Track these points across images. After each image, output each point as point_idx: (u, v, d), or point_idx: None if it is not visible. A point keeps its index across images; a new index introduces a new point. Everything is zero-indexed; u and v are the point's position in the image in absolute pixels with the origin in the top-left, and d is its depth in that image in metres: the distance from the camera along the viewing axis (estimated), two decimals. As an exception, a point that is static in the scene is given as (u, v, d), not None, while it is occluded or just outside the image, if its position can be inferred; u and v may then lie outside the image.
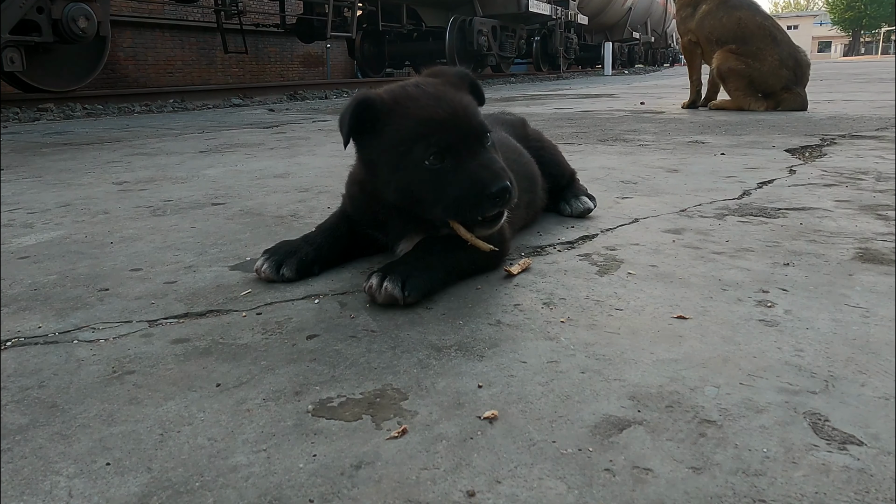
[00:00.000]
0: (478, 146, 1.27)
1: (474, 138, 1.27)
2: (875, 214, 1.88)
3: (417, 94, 1.30)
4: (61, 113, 6.53)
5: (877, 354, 1.01)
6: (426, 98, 1.29)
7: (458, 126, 1.26)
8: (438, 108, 1.26)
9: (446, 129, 1.25)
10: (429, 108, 1.27)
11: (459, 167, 1.24)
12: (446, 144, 1.24)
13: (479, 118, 1.30)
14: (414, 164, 1.26)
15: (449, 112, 1.26)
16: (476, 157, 1.25)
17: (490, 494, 0.71)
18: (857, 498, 0.69)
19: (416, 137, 1.25)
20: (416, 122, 1.26)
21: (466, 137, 1.26)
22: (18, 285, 1.44)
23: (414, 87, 1.33)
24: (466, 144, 1.25)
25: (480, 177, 1.22)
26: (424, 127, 1.25)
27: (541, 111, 6.13)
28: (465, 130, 1.26)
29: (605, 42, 21.14)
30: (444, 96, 1.29)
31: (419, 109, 1.27)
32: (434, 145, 1.24)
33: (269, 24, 13.31)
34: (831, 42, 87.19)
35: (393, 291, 1.23)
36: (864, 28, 75.18)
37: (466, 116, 1.27)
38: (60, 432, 0.85)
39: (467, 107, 1.30)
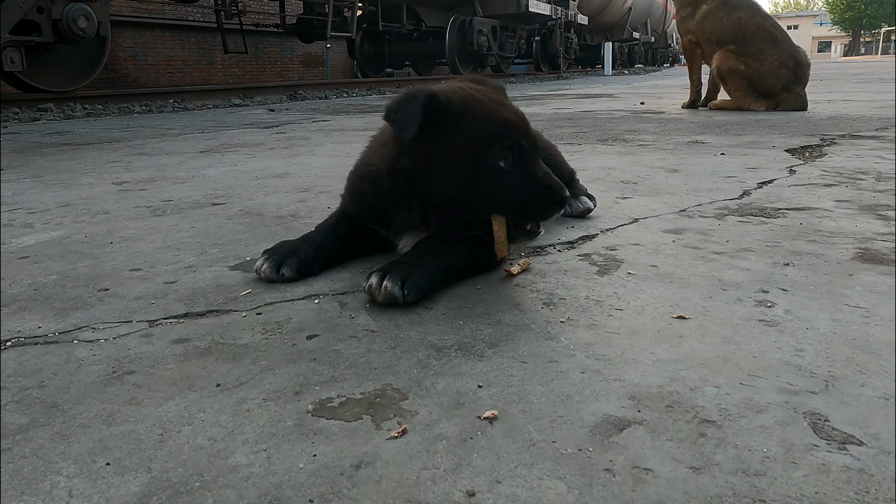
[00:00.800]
0: (537, 154, 1.37)
1: (535, 146, 1.36)
2: (875, 214, 1.88)
3: (484, 98, 1.37)
4: (61, 113, 6.53)
5: (877, 354, 1.01)
6: (494, 103, 1.36)
7: (527, 132, 1.36)
8: (511, 114, 1.36)
9: (520, 134, 1.33)
10: (502, 111, 1.35)
11: (528, 171, 1.33)
12: (521, 148, 1.32)
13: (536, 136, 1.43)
14: (486, 163, 1.31)
15: (520, 118, 1.37)
16: (538, 164, 1.35)
17: (490, 494, 0.71)
18: (857, 498, 0.69)
19: (493, 138, 1.31)
20: (493, 123, 1.32)
21: (529, 144, 1.34)
22: (18, 285, 1.44)
23: (474, 90, 1.39)
24: (531, 151, 1.34)
25: (549, 183, 1.32)
26: (503, 129, 1.32)
27: (541, 111, 6.13)
28: (528, 137, 1.35)
29: (605, 42, 21.15)
30: (506, 103, 1.39)
31: (493, 112, 1.34)
32: (510, 147, 1.31)
33: (269, 25, 13.30)
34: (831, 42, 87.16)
35: (393, 290, 1.23)
36: (864, 28, 75.18)
37: (527, 125, 1.37)
38: (60, 432, 0.85)
39: (523, 117, 1.39)
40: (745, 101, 5.35)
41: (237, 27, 10.74)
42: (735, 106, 5.43)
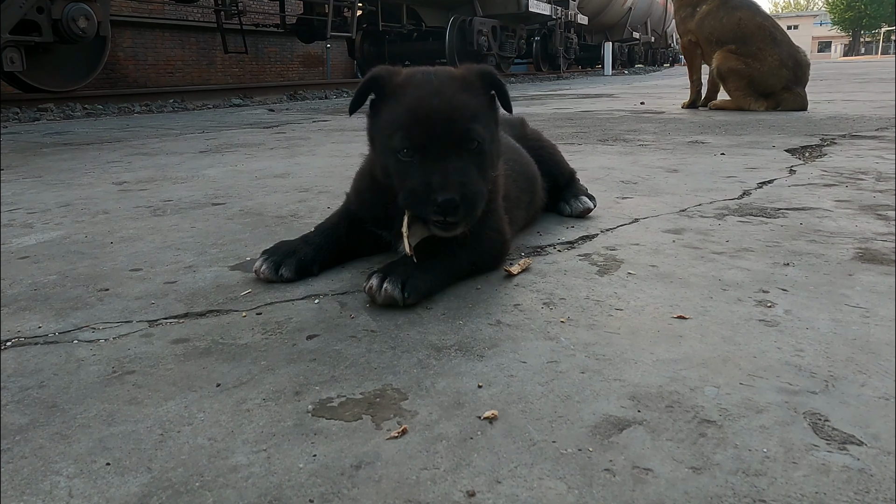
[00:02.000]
0: (451, 151, 1.24)
1: (450, 142, 1.24)
2: (875, 214, 1.88)
3: (420, 83, 1.30)
4: (61, 113, 6.53)
5: (877, 354, 1.01)
6: (423, 89, 1.28)
7: (437, 126, 1.24)
8: (427, 103, 1.26)
9: (424, 126, 1.24)
10: (419, 99, 1.27)
11: (422, 165, 1.24)
12: (419, 141, 1.25)
13: (467, 124, 1.25)
14: (392, 150, 1.28)
15: (433, 109, 1.25)
16: (443, 161, 1.23)
17: (490, 494, 0.71)
18: (857, 498, 0.69)
19: (398, 126, 1.27)
20: (402, 110, 1.28)
21: (441, 139, 1.24)
22: (18, 285, 1.44)
23: (423, 74, 1.33)
24: (439, 146, 1.24)
25: (432, 181, 1.22)
26: (407, 117, 1.26)
27: (541, 111, 6.13)
28: (442, 132, 1.24)
29: (605, 42, 21.14)
30: (441, 92, 1.27)
31: (411, 99, 1.28)
32: (407, 139, 1.25)
33: (269, 24, 13.30)
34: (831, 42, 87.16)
35: (393, 293, 1.23)
36: (864, 28, 75.18)
37: (450, 118, 1.25)
38: (60, 432, 0.85)
39: (458, 109, 1.26)
40: (745, 100, 5.36)
41: (237, 27, 10.74)
42: (735, 106, 5.43)
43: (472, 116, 1.27)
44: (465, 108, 1.28)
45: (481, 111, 1.31)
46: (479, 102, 1.32)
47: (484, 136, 1.28)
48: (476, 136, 1.26)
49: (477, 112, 1.29)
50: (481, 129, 1.28)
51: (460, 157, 1.25)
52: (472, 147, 1.26)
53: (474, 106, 1.30)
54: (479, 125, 1.28)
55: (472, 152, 1.27)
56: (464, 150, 1.26)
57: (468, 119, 1.26)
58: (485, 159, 1.30)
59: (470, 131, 1.26)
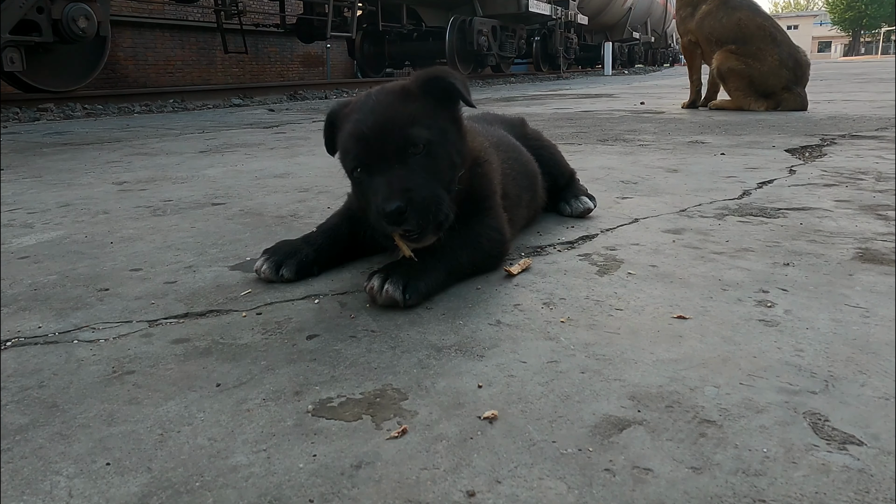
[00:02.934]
0: (393, 160, 1.24)
1: (391, 153, 1.24)
2: (875, 214, 1.88)
3: (359, 107, 1.32)
4: (61, 113, 6.54)
5: (877, 354, 1.01)
6: (361, 112, 1.30)
7: (375, 141, 1.25)
8: (363, 123, 1.27)
9: (363, 144, 1.26)
10: (357, 122, 1.29)
11: (371, 182, 1.26)
12: (362, 159, 1.28)
13: (404, 131, 1.25)
14: (349, 174, 1.35)
15: (369, 126, 1.26)
16: (387, 172, 1.24)
17: (490, 494, 0.71)
18: (857, 498, 0.69)
19: (346, 150, 1.32)
20: (346, 135, 1.31)
21: (381, 153, 1.25)
22: (18, 285, 1.44)
23: (365, 97, 1.35)
24: (381, 160, 1.25)
25: (377, 195, 1.23)
26: (350, 141, 1.29)
27: (541, 111, 6.13)
28: (380, 145, 1.25)
29: (605, 42, 21.14)
30: (377, 109, 1.28)
31: (352, 123, 1.30)
32: (354, 159, 1.29)
33: (269, 24, 13.30)
34: (831, 42, 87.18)
35: (394, 294, 1.23)
36: (864, 28, 75.20)
37: (385, 131, 1.25)
38: (60, 432, 0.85)
39: (392, 119, 1.26)
40: (745, 101, 5.36)
41: (237, 27, 10.75)
42: (735, 106, 5.43)
43: (408, 122, 1.26)
44: (399, 116, 1.27)
45: (422, 115, 1.29)
46: (420, 107, 1.30)
47: (429, 138, 1.27)
48: (417, 139, 1.25)
49: (416, 117, 1.28)
50: (423, 131, 1.26)
51: (405, 164, 1.25)
52: (417, 152, 1.26)
53: (412, 112, 1.28)
54: (421, 128, 1.26)
55: (418, 158, 1.26)
56: (408, 157, 1.25)
57: (404, 126, 1.26)
58: (437, 161, 1.28)
59: (408, 137, 1.25)
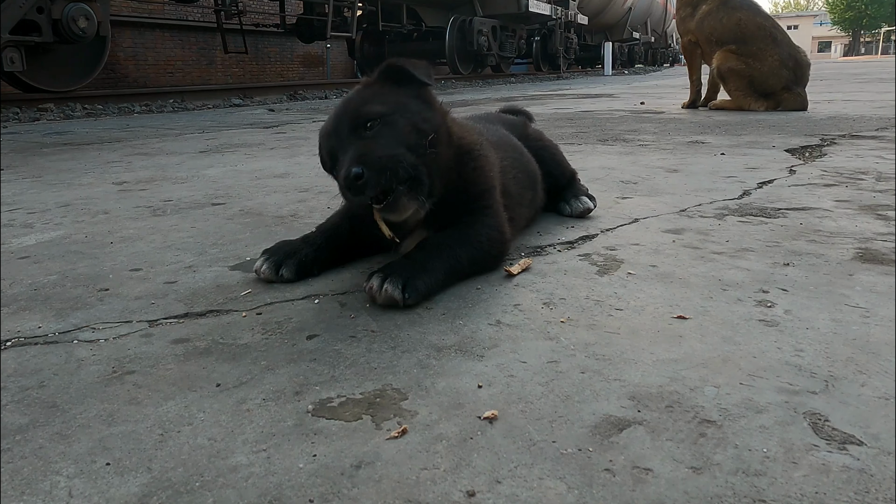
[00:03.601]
0: (353, 138, 1.29)
1: (347, 135, 1.30)
2: (875, 214, 1.88)
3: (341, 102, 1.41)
4: (61, 113, 6.54)
5: (877, 354, 1.01)
6: (342, 104, 1.39)
7: (335, 131, 1.33)
8: (327, 123, 1.37)
9: (327, 140, 1.35)
10: (324, 125, 1.39)
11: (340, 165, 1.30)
12: (329, 155, 1.35)
13: (356, 112, 1.31)
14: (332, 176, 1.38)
15: (331, 122, 1.36)
16: (349, 150, 1.27)
17: (490, 494, 0.71)
18: (857, 498, 0.69)
19: (320, 156, 1.40)
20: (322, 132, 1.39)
21: (342, 134, 1.31)
22: (18, 285, 1.44)
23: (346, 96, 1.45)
24: (344, 141, 1.30)
25: (340, 169, 1.27)
26: (319, 143, 1.39)
27: (541, 111, 6.13)
28: (341, 129, 1.32)
29: (605, 42, 21.13)
30: (338, 106, 1.38)
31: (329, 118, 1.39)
32: (324, 158, 1.37)
33: (269, 24, 13.30)
34: (831, 42, 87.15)
35: (393, 294, 1.23)
36: (864, 28, 75.19)
37: (341, 117, 1.34)
38: (60, 432, 0.85)
39: (346, 106, 1.35)
40: (745, 101, 5.35)
41: (237, 27, 10.74)
42: (735, 106, 5.43)
43: (361, 103, 1.34)
44: (353, 102, 1.36)
45: (378, 95, 1.36)
46: (375, 90, 1.39)
47: (382, 111, 1.32)
48: (369, 114, 1.31)
49: (368, 98, 1.36)
50: (376, 106, 1.32)
51: (361, 138, 1.30)
52: (373, 125, 1.30)
53: (366, 95, 1.37)
54: (373, 104, 1.33)
55: (374, 129, 1.30)
56: (364, 132, 1.30)
57: (357, 107, 1.33)
58: (395, 127, 1.31)
59: (359, 114, 1.31)
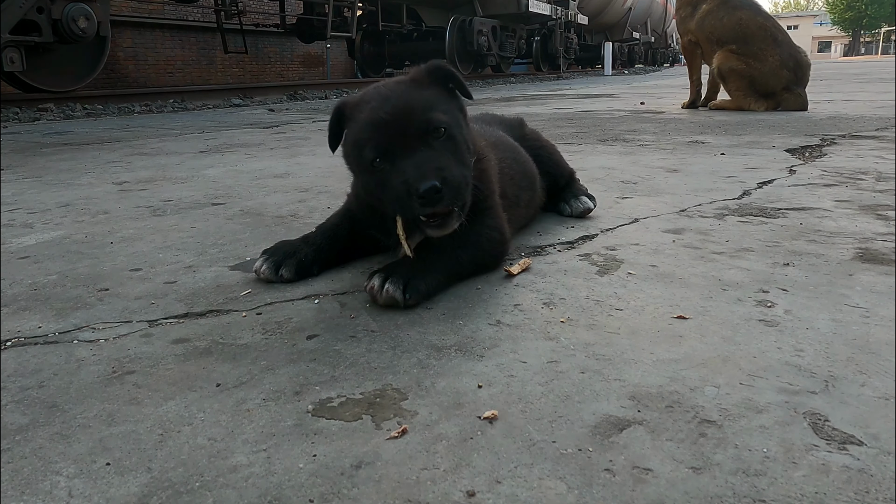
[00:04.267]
0: (417, 144, 1.25)
1: (414, 137, 1.26)
2: (875, 214, 1.88)
3: (372, 97, 1.33)
4: (61, 113, 6.53)
5: (877, 354, 1.01)
6: (376, 100, 1.31)
7: (397, 126, 1.26)
8: (381, 111, 1.28)
9: (384, 131, 1.26)
10: (374, 110, 1.29)
11: (396, 167, 1.25)
12: (385, 146, 1.26)
13: (424, 115, 1.27)
14: (366, 165, 1.30)
15: (389, 113, 1.27)
16: (413, 155, 1.24)
17: (490, 494, 0.71)
18: (857, 498, 0.69)
19: (363, 141, 1.29)
20: (362, 125, 1.30)
21: (404, 137, 1.25)
22: (18, 285, 1.44)
23: (374, 89, 1.36)
24: (404, 144, 1.25)
25: (408, 177, 1.22)
26: (368, 130, 1.28)
27: (541, 111, 6.13)
28: (402, 130, 1.25)
29: (605, 42, 21.14)
30: (392, 96, 1.30)
31: (367, 113, 1.30)
32: (374, 148, 1.27)
33: (269, 24, 13.30)
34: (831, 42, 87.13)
35: (394, 294, 1.23)
36: (864, 28, 75.17)
37: (406, 115, 1.27)
38: (60, 432, 0.85)
39: (411, 104, 1.28)
40: (745, 101, 5.35)
41: (237, 27, 10.74)
42: (735, 106, 5.43)
43: (427, 107, 1.29)
44: (417, 101, 1.30)
45: (438, 101, 1.33)
46: (434, 93, 1.34)
47: (448, 122, 1.29)
48: (438, 122, 1.28)
49: (432, 102, 1.31)
50: (442, 115, 1.29)
51: (430, 147, 1.26)
52: (438, 136, 1.28)
53: (428, 97, 1.32)
54: (439, 112, 1.29)
55: (441, 141, 1.28)
56: (432, 140, 1.27)
57: (425, 110, 1.28)
58: (457, 144, 1.31)
59: (430, 121, 1.27)
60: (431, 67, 1.39)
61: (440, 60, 1.42)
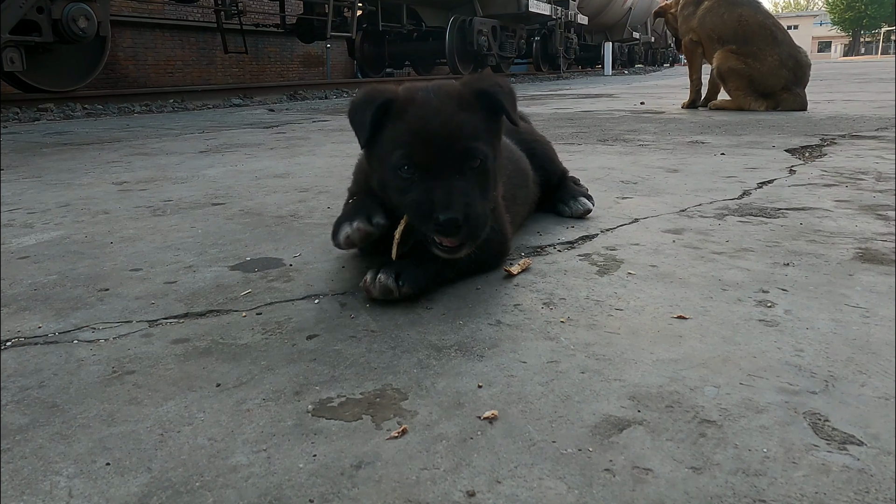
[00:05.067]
0: (454, 169, 1.24)
1: (452, 161, 1.25)
2: (875, 214, 1.88)
3: (421, 102, 1.30)
4: (61, 113, 6.54)
5: (877, 354, 1.01)
6: (424, 109, 1.29)
7: (439, 145, 1.25)
8: (427, 123, 1.26)
9: (424, 145, 1.25)
10: (420, 120, 1.27)
11: (423, 183, 1.24)
12: (420, 160, 1.25)
13: (468, 143, 1.25)
14: (392, 167, 1.28)
15: (434, 128, 1.26)
16: (444, 179, 1.23)
17: (490, 494, 0.71)
18: (857, 498, 0.69)
19: (399, 144, 1.27)
20: (404, 129, 1.28)
21: (443, 157, 1.24)
22: (18, 285, 1.44)
23: (423, 93, 1.33)
24: (441, 165, 1.24)
25: (434, 199, 1.21)
26: (409, 136, 1.27)
27: (541, 111, 6.13)
28: (443, 150, 1.24)
29: (605, 42, 21.14)
30: (441, 112, 1.28)
31: (412, 119, 1.28)
32: (408, 157, 1.26)
33: (269, 24, 13.30)
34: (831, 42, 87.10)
35: (387, 283, 1.24)
36: (864, 28, 75.15)
37: (451, 137, 1.25)
38: (60, 432, 0.85)
39: (459, 127, 1.27)
40: (745, 100, 5.36)
41: (237, 27, 10.75)
42: (735, 106, 5.43)
43: (473, 135, 1.27)
44: (465, 126, 1.27)
45: (482, 129, 1.30)
46: (480, 119, 1.31)
47: (486, 154, 1.28)
48: (478, 154, 1.26)
49: (478, 130, 1.29)
50: (483, 146, 1.28)
51: (463, 175, 1.25)
52: (474, 165, 1.27)
53: (475, 124, 1.29)
54: (481, 143, 1.28)
55: (474, 171, 1.27)
56: (466, 169, 1.26)
57: (469, 138, 1.26)
58: (488, 178, 1.30)
59: (472, 150, 1.26)
60: (483, 90, 1.34)
61: (491, 79, 1.38)
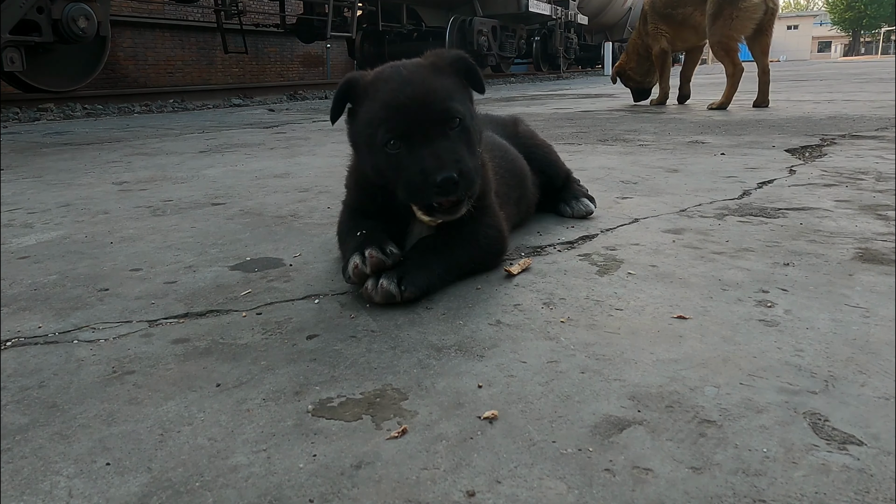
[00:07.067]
0: (436, 132, 1.25)
1: (433, 124, 1.26)
2: (875, 214, 1.88)
3: (390, 77, 1.32)
4: (61, 113, 6.54)
5: (877, 354, 1.01)
6: (395, 81, 1.29)
7: (417, 111, 1.25)
8: (401, 93, 1.26)
9: (403, 115, 1.25)
10: (393, 91, 1.28)
11: (412, 153, 1.25)
12: (402, 130, 1.25)
13: (444, 104, 1.27)
14: (378, 147, 1.29)
15: (409, 97, 1.26)
16: (431, 143, 1.24)
17: (490, 494, 0.71)
18: (857, 498, 0.69)
19: (378, 121, 1.28)
20: (379, 105, 1.29)
21: (424, 123, 1.25)
22: (18, 285, 1.44)
23: (392, 69, 1.34)
24: (423, 130, 1.25)
25: (426, 165, 1.22)
26: (385, 111, 1.27)
27: (541, 111, 6.13)
28: (423, 116, 1.25)
29: (605, 42, 21.15)
30: (413, 80, 1.29)
31: (385, 93, 1.29)
32: (390, 130, 1.25)
33: (269, 24, 13.30)
34: (831, 42, 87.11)
35: (389, 287, 1.23)
36: (864, 28, 75.13)
37: (428, 101, 1.26)
38: (60, 432, 0.85)
39: (433, 91, 1.28)
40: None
41: (237, 27, 10.75)
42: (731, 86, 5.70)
43: (447, 96, 1.29)
44: (439, 89, 1.29)
45: (456, 91, 1.33)
46: (452, 83, 1.34)
47: (464, 113, 1.30)
48: (456, 112, 1.28)
49: (451, 91, 1.31)
50: (459, 106, 1.30)
51: (447, 136, 1.27)
52: (454, 125, 1.28)
53: (448, 86, 1.32)
54: (457, 103, 1.30)
55: (456, 130, 1.29)
56: (448, 129, 1.28)
57: (445, 99, 1.28)
58: (470, 135, 1.32)
59: (449, 109, 1.28)
60: (455, 58, 1.39)
61: (459, 51, 1.42)
